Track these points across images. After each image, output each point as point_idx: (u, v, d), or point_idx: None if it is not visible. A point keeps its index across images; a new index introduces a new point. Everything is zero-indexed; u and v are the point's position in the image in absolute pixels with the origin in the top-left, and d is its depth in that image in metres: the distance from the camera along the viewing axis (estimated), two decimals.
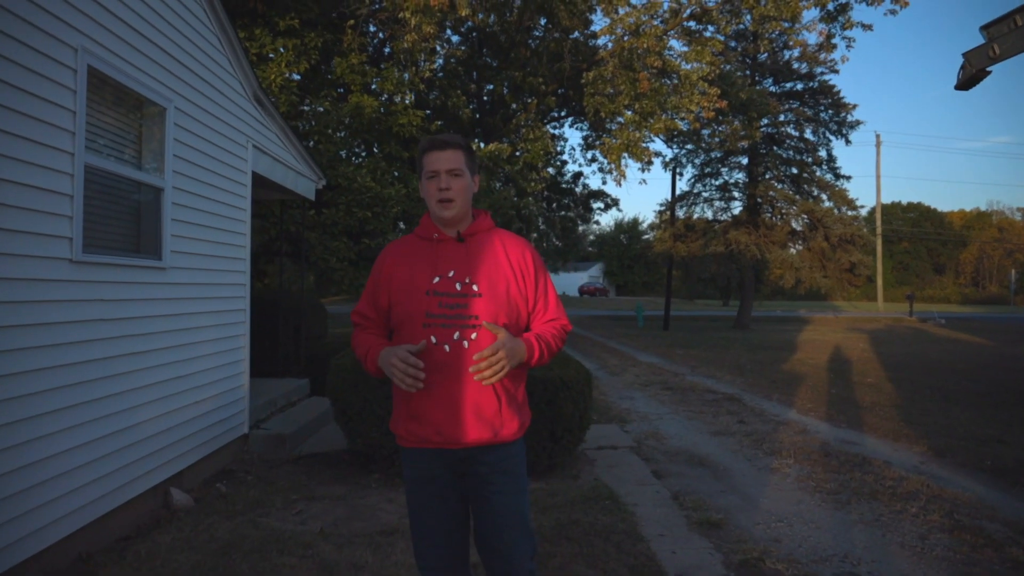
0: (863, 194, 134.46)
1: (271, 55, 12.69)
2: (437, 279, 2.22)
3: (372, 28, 15.57)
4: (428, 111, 15.47)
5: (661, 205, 42.68)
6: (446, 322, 2.17)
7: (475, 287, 2.21)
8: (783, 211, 25.94)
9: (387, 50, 15.83)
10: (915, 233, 75.26)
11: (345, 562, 3.62)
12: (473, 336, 2.16)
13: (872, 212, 49.07)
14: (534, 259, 2.33)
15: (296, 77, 13.51)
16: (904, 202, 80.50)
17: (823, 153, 25.93)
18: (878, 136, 46.82)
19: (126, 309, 4.12)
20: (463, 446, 2.19)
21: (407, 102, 13.88)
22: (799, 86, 25.51)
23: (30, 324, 3.29)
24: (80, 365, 3.66)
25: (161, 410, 4.51)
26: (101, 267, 3.85)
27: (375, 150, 14.25)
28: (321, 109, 13.15)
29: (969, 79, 6.40)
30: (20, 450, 3.20)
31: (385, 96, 13.73)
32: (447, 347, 2.15)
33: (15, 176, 3.17)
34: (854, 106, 25.04)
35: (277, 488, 4.96)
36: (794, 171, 25.72)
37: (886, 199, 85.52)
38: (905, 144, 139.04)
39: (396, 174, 13.34)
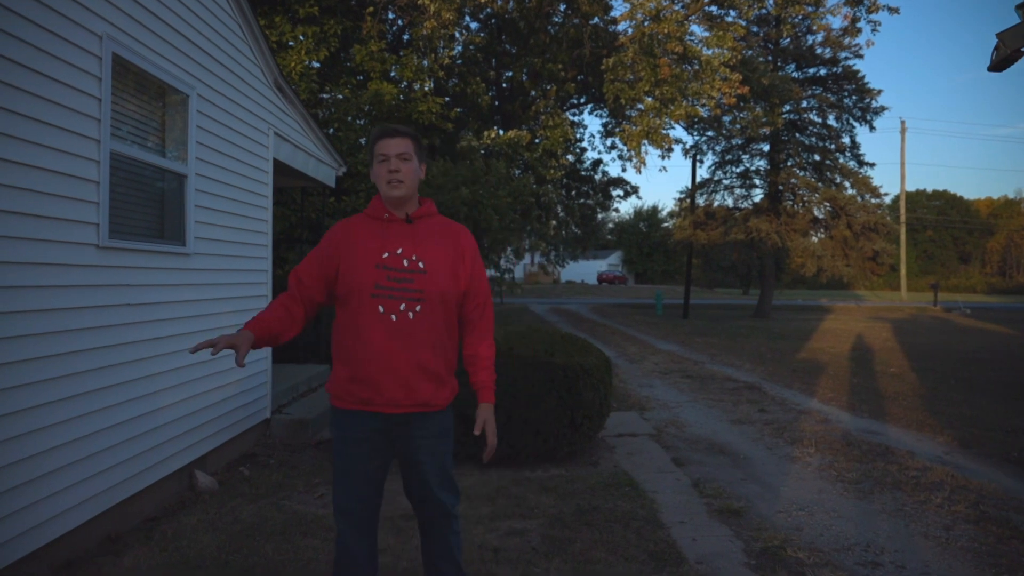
0: (887, 181, 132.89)
1: (291, 43, 12.73)
2: (387, 254, 2.41)
3: (391, 15, 15.56)
4: (447, 98, 15.45)
5: (681, 193, 42.41)
6: (393, 294, 2.37)
7: (421, 264, 2.42)
8: (805, 199, 25.63)
9: (406, 37, 15.81)
10: (940, 221, 74.12)
11: None
12: (418, 308, 2.38)
13: (896, 200, 48.41)
14: (470, 245, 2.57)
15: (316, 65, 13.55)
16: (929, 190, 79.23)
17: (846, 140, 25.58)
18: (903, 122, 46.11)
19: (151, 294, 4.17)
20: (403, 410, 2.40)
21: (426, 89, 13.88)
22: (822, 71, 25.13)
23: (58, 308, 3.34)
24: (107, 349, 3.71)
25: (185, 394, 4.57)
26: (126, 253, 3.90)
27: None
28: (341, 96, 13.19)
29: (1003, 60, 6.25)
30: (49, 432, 3.26)
31: (404, 83, 13.73)
32: (394, 317, 2.36)
33: (43, 163, 3.20)
34: (879, 92, 24.66)
35: (299, 472, 5.02)
36: (816, 158, 25.38)
37: (911, 187, 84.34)
38: (931, 130, 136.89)
39: None
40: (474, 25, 18.44)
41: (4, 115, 2.96)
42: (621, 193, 24.64)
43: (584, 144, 23.85)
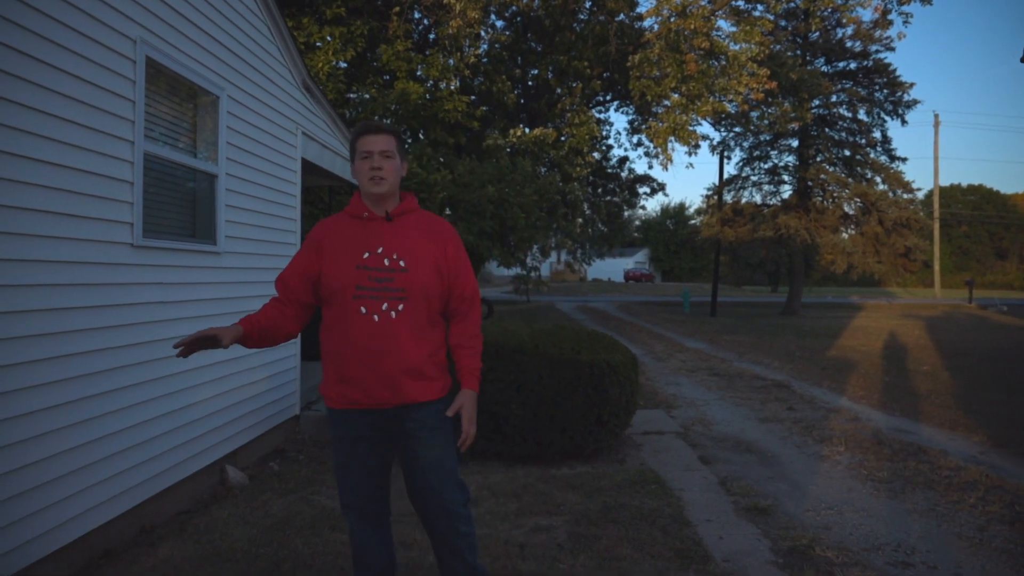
0: (920, 176, 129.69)
1: (319, 43, 12.85)
2: (367, 254, 2.42)
3: (417, 15, 15.64)
4: (473, 96, 15.49)
5: (708, 189, 42.01)
6: (374, 294, 2.37)
7: (402, 263, 2.41)
8: (835, 194, 25.28)
9: (432, 36, 15.87)
10: (976, 216, 72.57)
11: (395, 539, 3.69)
12: (400, 307, 2.38)
13: (929, 195, 47.55)
14: (453, 240, 2.55)
15: (343, 65, 13.66)
16: (964, 184, 77.63)
17: (877, 134, 25.18)
18: (936, 116, 45.40)
19: (183, 292, 4.25)
20: (390, 406, 2.42)
21: (452, 88, 13.92)
22: (852, 65, 24.75)
23: (94, 306, 3.42)
24: (141, 345, 3.79)
25: (217, 391, 4.65)
26: (159, 251, 3.98)
27: (420, 136, 14.34)
28: (368, 96, 13.28)
29: None
30: (90, 425, 3.35)
31: (430, 82, 13.79)
32: (376, 317, 2.37)
33: (79, 164, 3.29)
34: (911, 85, 24.23)
35: (327, 467, 5.08)
36: (847, 153, 25.03)
37: (945, 181, 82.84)
38: (966, 124, 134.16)
39: (442, 160, 13.41)
40: (500, 23, 18.45)
41: (41, 117, 3.04)
42: (648, 190, 24.51)
43: (610, 141, 23.88)
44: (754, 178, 27.29)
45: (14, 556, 2.90)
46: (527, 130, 15.52)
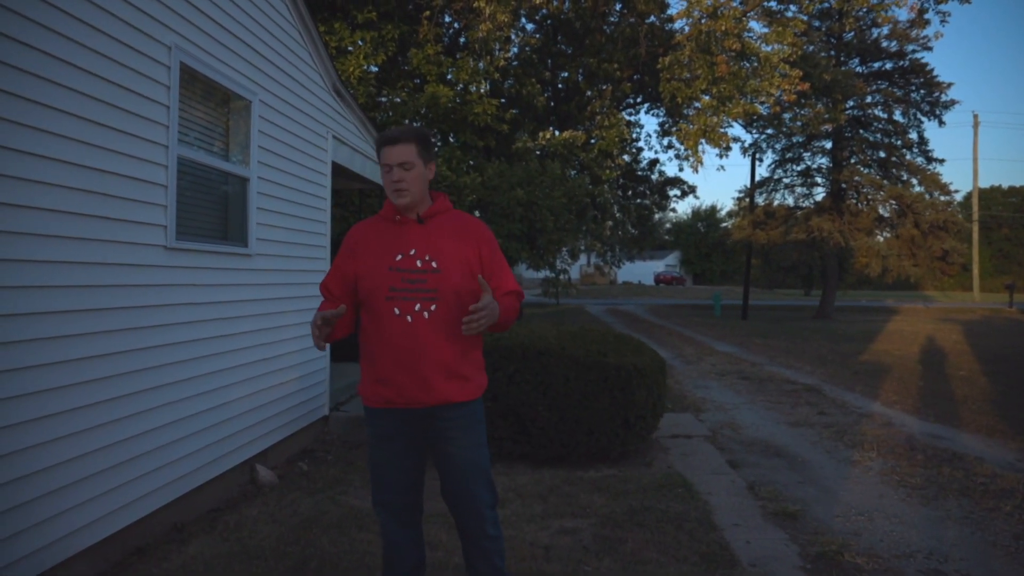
0: (958, 178, 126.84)
1: (350, 48, 12.99)
2: (400, 256, 2.46)
3: (447, 19, 15.73)
4: (503, 99, 15.54)
5: (740, 192, 41.61)
6: (407, 295, 2.41)
7: (434, 264, 2.44)
8: (869, 197, 24.83)
9: (462, 40, 15.97)
10: (1017, 219, 70.72)
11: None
12: (432, 308, 2.41)
13: (968, 197, 46.54)
14: (487, 240, 2.57)
15: (374, 69, 13.79)
16: (1005, 186, 75.75)
17: (914, 135, 24.69)
18: (976, 116, 44.47)
19: (214, 294, 4.33)
20: (424, 406, 2.45)
21: (482, 91, 13.98)
22: (888, 65, 24.31)
23: (129, 307, 3.50)
24: (173, 346, 3.87)
25: (247, 391, 4.73)
26: (192, 254, 4.06)
27: (451, 139, 14.42)
28: (398, 100, 13.41)
29: None
30: (121, 424, 3.43)
31: (460, 86, 13.87)
32: (409, 318, 2.41)
33: (116, 168, 3.37)
34: (949, 85, 23.71)
35: (356, 468, 5.13)
36: (882, 155, 24.57)
37: (984, 183, 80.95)
38: (1007, 124, 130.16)
39: (471, 163, 13.47)
40: (529, 26, 18.50)
41: (79, 123, 3.13)
42: (678, 193, 24.39)
43: (640, 144, 23.76)
44: (786, 180, 26.92)
45: (50, 551, 2.98)
46: (556, 133, 15.52)
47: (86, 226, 3.19)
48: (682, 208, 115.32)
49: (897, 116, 24.55)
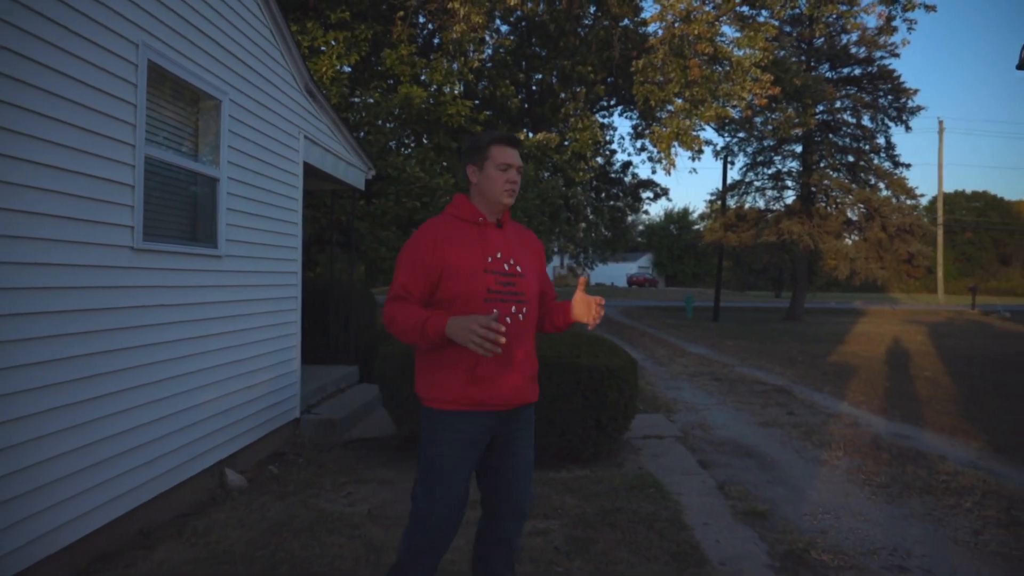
0: (924, 183, 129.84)
1: (323, 48, 12.89)
2: (490, 259, 2.46)
3: (422, 19, 15.69)
4: (477, 101, 15.53)
5: (712, 195, 41.98)
6: (504, 298, 2.43)
7: (519, 268, 2.50)
8: (838, 200, 25.25)
9: (436, 41, 15.94)
10: (980, 223, 72.37)
11: (392, 543, 3.71)
12: (524, 310, 2.47)
13: (933, 201, 47.49)
14: (542, 248, 2.74)
15: (347, 69, 13.71)
16: (968, 191, 77.50)
17: (881, 140, 25.14)
18: (941, 122, 45.29)
19: (183, 296, 4.28)
20: (512, 406, 2.48)
21: (456, 92, 13.96)
22: (857, 71, 24.72)
23: (95, 309, 3.44)
24: (140, 348, 3.81)
25: (217, 393, 4.67)
26: (160, 255, 4.01)
27: (424, 140, 14.38)
28: (371, 100, 13.33)
29: None
30: (85, 428, 3.37)
31: (434, 87, 13.83)
32: (508, 319, 2.43)
33: (82, 167, 3.31)
34: (915, 91, 24.19)
35: (327, 471, 5.10)
36: (850, 159, 25.00)
37: (949, 187, 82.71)
38: (971, 130, 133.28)
39: (445, 164, 13.44)
40: (504, 28, 18.50)
41: (42, 120, 3.07)
42: (651, 195, 24.54)
43: (614, 146, 23.86)
44: (757, 183, 27.27)
45: (15, 557, 2.92)
46: (530, 135, 15.56)
47: (49, 227, 3.12)
48: (655, 210, 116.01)
49: (865, 121, 25.00)
